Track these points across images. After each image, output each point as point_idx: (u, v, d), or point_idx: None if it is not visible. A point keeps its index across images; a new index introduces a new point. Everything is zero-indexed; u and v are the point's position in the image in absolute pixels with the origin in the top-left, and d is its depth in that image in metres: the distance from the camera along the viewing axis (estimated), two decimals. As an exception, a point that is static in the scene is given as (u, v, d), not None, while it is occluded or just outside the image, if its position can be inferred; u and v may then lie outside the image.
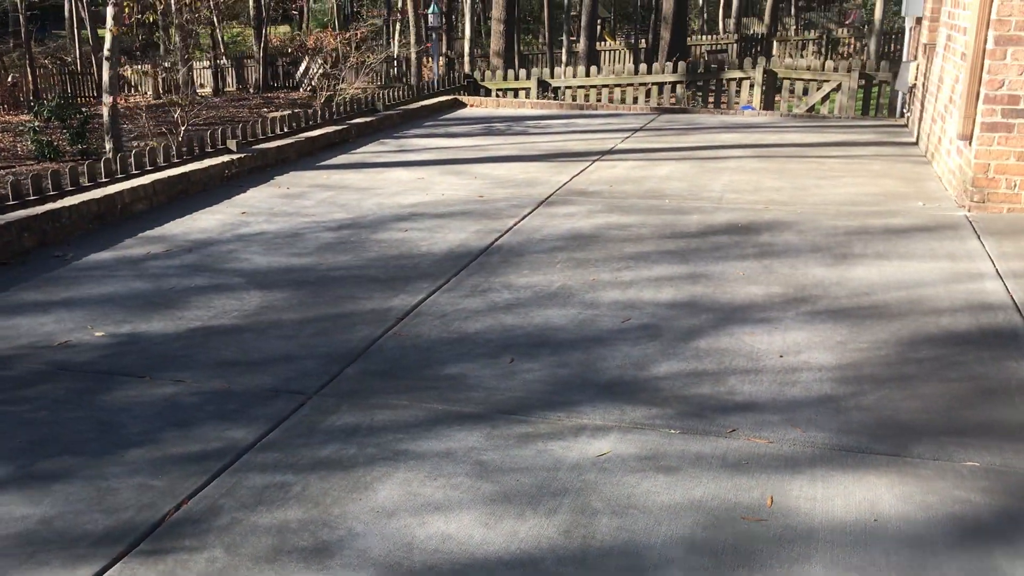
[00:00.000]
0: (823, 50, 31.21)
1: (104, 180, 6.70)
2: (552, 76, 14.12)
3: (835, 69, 13.02)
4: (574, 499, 2.81)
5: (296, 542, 2.63)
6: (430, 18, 20.73)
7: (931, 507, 2.74)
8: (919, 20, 10.35)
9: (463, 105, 12.54)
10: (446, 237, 5.78)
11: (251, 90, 26.55)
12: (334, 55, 23.01)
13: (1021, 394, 3.47)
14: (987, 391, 3.49)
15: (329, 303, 4.64)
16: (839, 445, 3.11)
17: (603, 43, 33.72)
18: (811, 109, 13.15)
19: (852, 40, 31.75)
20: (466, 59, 21.64)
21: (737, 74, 13.47)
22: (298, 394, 3.62)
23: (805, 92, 13.30)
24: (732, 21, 35.23)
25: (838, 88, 12.99)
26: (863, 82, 12.96)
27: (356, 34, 25.97)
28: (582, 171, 7.74)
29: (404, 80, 24.22)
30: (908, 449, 3.08)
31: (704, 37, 33.42)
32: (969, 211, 5.95)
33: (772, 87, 13.31)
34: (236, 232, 6.00)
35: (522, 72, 14.40)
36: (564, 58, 27.28)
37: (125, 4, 12.85)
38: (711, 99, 13.87)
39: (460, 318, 4.38)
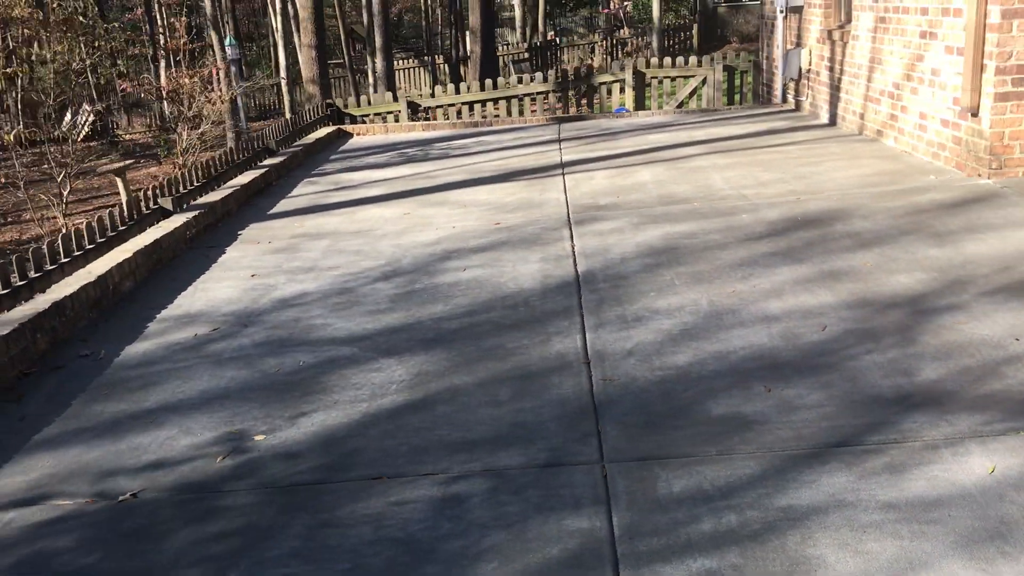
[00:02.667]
0: (611, 50, 32.50)
1: (73, 256, 5.68)
2: (421, 97, 13.70)
3: (699, 64, 13.49)
4: (1030, 523, 2.59)
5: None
6: (228, 51, 19.65)
7: None
8: (793, 11, 10.89)
9: (349, 134, 11.88)
10: (518, 270, 5.34)
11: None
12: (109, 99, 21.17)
13: None
14: None
15: (485, 358, 4.12)
16: None
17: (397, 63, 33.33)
18: (680, 104, 13.55)
19: (634, 39, 33.25)
20: (284, 88, 20.62)
21: (608, 78, 13.65)
22: (582, 464, 3.15)
23: (672, 90, 13.68)
24: (517, 32, 36.03)
25: (703, 82, 13.46)
26: (726, 74, 13.50)
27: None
28: (566, 186, 7.47)
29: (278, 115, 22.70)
30: None
31: (499, 48, 33.85)
32: (989, 178, 6.25)
33: (642, 87, 13.58)
34: (272, 297, 5.26)
35: (388, 95, 13.86)
36: (371, 80, 26.70)
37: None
38: (583, 104, 13.95)
39: (652, 352, 4.02)
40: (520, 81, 13.69)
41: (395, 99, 13.72)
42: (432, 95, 13.67)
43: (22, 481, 3.39)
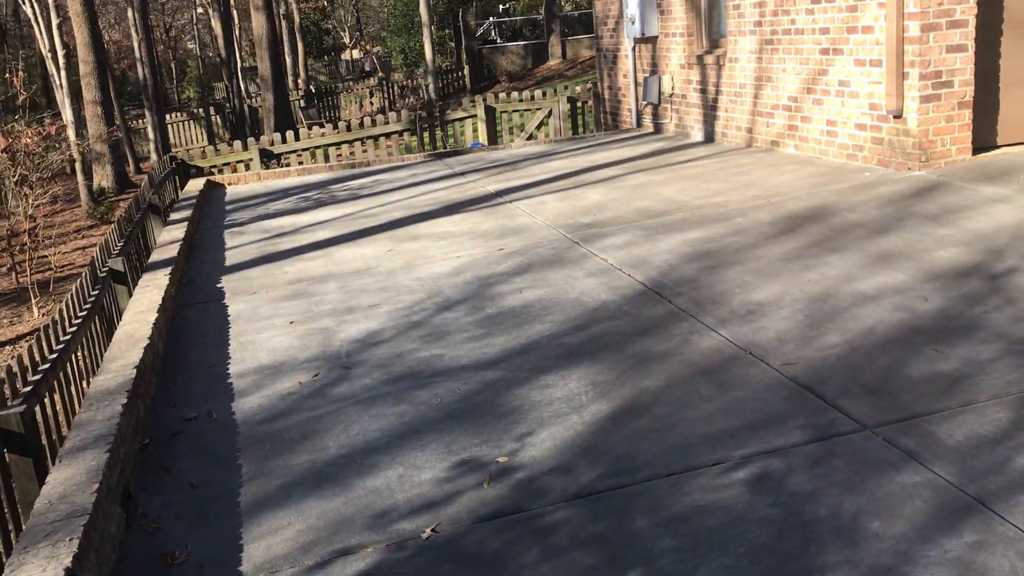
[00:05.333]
0: (387, 94, 32.79)
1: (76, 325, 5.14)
2: (272, 144, 13.29)
3: (544, 96, 14.11)
4: None
5: None
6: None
7: None
8: (645, 41, 11.76)
9: (220, 186, 11.34)
10: (580, 286, 5.48)
11: None
12: None
13: None
14: None
15: (645, 362, 4.26)
16: None
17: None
18: (530, 136, 14.09)
19: (409, 82, 33.77)
20: (73, 145, 19.04)
21: (461, 113, 13.94)
22: (854, 432, 3.41)
23: (521, 124, 14.21)
24: (292, 79, 35.43)
25: (550, 114, 14.09)
26: (569, 105, 14.21)
27: None
28: (529, 212, 7.67)
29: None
30: None
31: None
32: (920, 170, 7.17)
33: (493, 122, 13.99)
34: (342, 339, 5.06)
35: (237, 144, 13.33)
36: (153, 136, 25.26)
37: None
38: (439, 140, 14.12)
39: (799, 337, 4.33)
40: (361, 125, 13.64)
41: (244, 148, 13.22)
42: (284, 140, 13.31)
43: (290, 542, 3.14)
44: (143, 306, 5.50)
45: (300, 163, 13.22)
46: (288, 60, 37.33)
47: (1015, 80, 7.38)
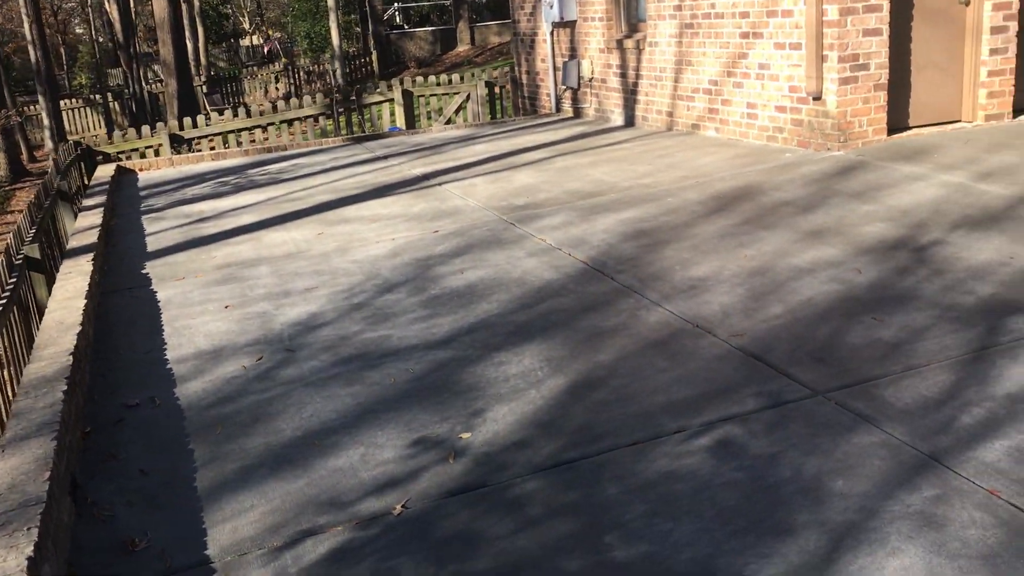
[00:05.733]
0: (292, 79, 32.12)
1: None
2: (182, 129, 12.89)
3: (462, 80, 14.05)
4: None
5: None
6: None
7: None
8: (563, 25, 11.82)
9: (131, 172, 10.95)
10: (522, 266, 5.50)
11: None
12: None
13: None
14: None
15: (596, 337, 4.31)
16: None
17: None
18: (449, 120, 14.02)
19: (318, 67, 33.16)
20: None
21: (377, 97, 13.76)
22: (806, 398, 3.52)
23: (440, 108, 14.12)
24: (193, 65, 34.30)
25: (468, 98, 14.04)
26: (487, 89, 14.18)
27: None
28: (460, 195, 7.64)
29: None
30: None
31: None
32: (839, 150, 7.41)
33: (410, 106, 13.86)
34: (283, 322, 4.96)
35: (145, 129, 12.87)
36: (48, 123, 24.16)
37: None
38: (355, 124, 13.92)
39: (743, 310, 4.45)
40: (275, 109, 13.36)
41: (153, 133, 12.79)
42: (195, 125, 12.92)
43: (256, 524, 3.07)
44: (69, 292, 5.28)
45: (212, 148, 12.86)
46: (188, 46, 36.18)
47: (925, 64, 7.70)
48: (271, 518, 3.11)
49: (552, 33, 12.19)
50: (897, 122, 7.71)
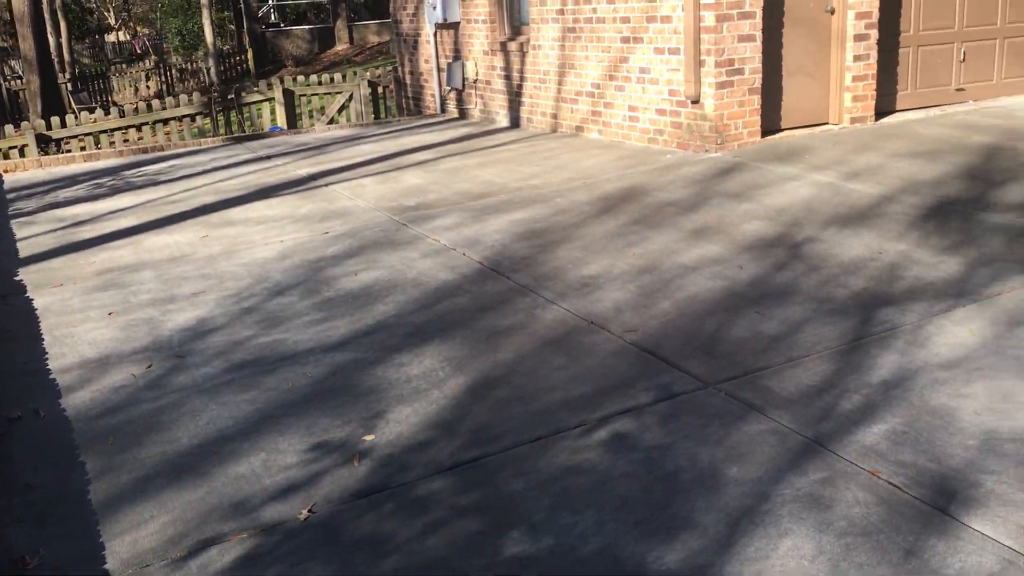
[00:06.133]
0: (164, 77, 31.03)
1: None
2: (50, 128, 12.31)
3: (343, 79, 13.89)
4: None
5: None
6: None
7: None
8: (447, 27, 11.86)
9: (-5, 173, 10.38)
10: (417, 267, 5.51)
11: None
12: None
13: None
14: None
15: (494, 336, 4.37)
16: None
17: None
18: (331, 120, 13.85)
19: (191, 64, 32.15)
20: None
21: (258, 97, 13.47)
22: (697, 390, 3.67)
23: (322, 108, 13.92)
24: (56, 61, 32.66)
25: (351, 98, 13.91)
26: (370, 89, 14.08)
27: None
28: (349, 195, 7.58)
29: None
30: None
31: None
32: (717, 152, 7.70)
33: (292, 105, 13.62)
34: (171, 328, 4.84)
35: (9, 128, 12.22)
36: None
37: None
38: (235, 124, 13.58)
39: (635, 307, 4.59)
40: (149, 109, 12.92)
41: (17, 131, 12.16)
42: (63, 125, 12.36)
43: (156, 535, 3.00)
44: (-64, 302, 5.00)
45: (83, 149, 12.34)
46: (51, 41, 34.48)
47: (795, 69, 8.09)
48: (172, 528, 3.04)
49: (436, 34, 12.20)
50: (770, 124, 8.07)
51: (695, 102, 7.79)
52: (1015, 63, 9.43)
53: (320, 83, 13.84)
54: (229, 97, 13.57)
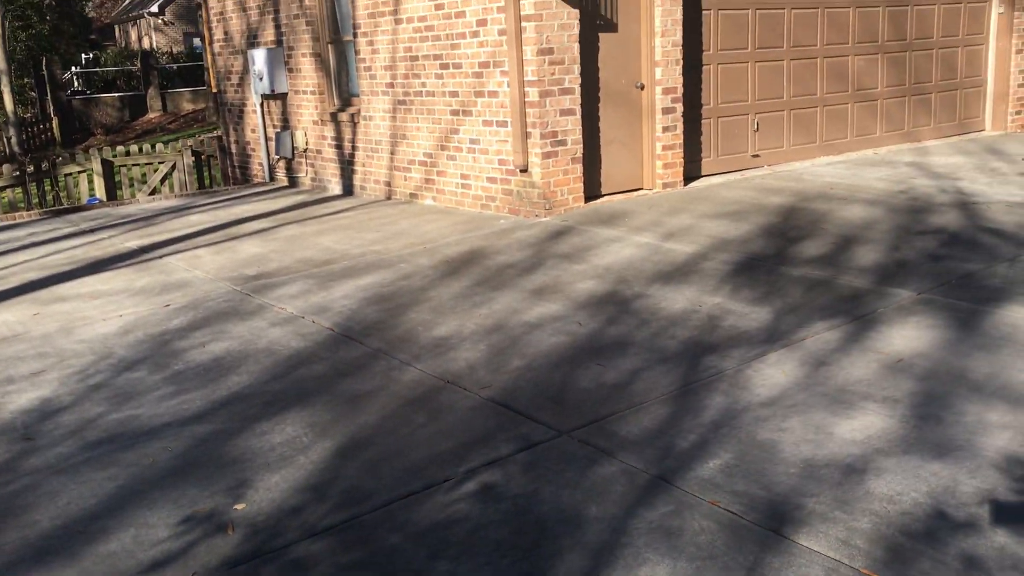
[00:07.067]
0: (-43, 147, 29.06)
1: None
2: None
3: (165, 147, 13.63)
4: None
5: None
6: None
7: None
8: (274, 97, 11.97)
9: None
10: (268, 335, 5.58)
11: None
12: None
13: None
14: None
15: (357, 400, 4.52)
16: (827, 326, 5.10)
17: None
18: (154, 191, 13.53)
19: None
20: None
21: (75, 168, 13.00)
22: (553, 439, 3.97)
23: (144, 178, 13.57)
24: None
25: (173, 167, 13.66)
26: (194, 159, 13.88)
27: None
28: (186, 267, 7.51)
29: None
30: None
31: None
32: (546, 217, 8.17)
33: (111, 176, 13.21)
34: (11, 410, 4.68)
35: None
36: None
37: None
38: (49, 197, 13.00)
39: (485, 364, 4.86)
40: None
41: None
42: None
43: (30, 618, 2.96)
44: None
45: None
46: None
47: (612, 138, 8.74)
48: (47, 611, 3.01)
49: (263, 104, 12.26)
50: (592, 190, 8.66)
51: (524, 171, 8.27)
52: (800, 131, 10.55)
53: (141, 152, 13.52)
54: (43, 168, 13.01)
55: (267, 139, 12.36)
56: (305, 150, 11.66)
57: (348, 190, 10.98)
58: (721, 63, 9.64)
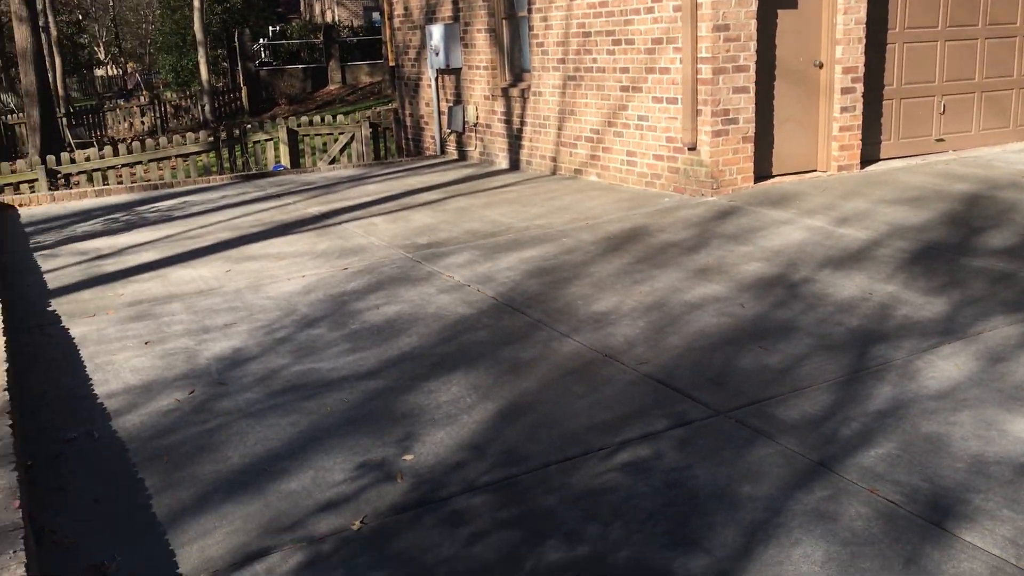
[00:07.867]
0: (158, 113, 31.42)
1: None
2: (60, 163, 12.60)
3: (346, 119, 14.28)
4: None
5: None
6: None
7: None
8: (449, 72, 12.30)
9: (11, 207, 10.65)
10: (436, 301, 5.84)
11: None
12: None
13: (990, 275, 5.61)
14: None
15: (517, 367, 4.69)
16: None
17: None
18: (333, 160, 14.22)
19: (183, 102, 32.58)
20: None
21: (263, 136, 13.83)
22: (710, 418, 4.00)
23: (324, 147, 14.29)
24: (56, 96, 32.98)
25: (352, 138, 14.30)
26: (371, 130, 14.47)
27: None
28: (363, 233, 7.91)
29: None
30: None
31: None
32: (713, 196, 8.10)
33: (295, 145, 13.99)
34: (207, 356, 5.13)
35: (20, 163, 12.51)
36: None
37: None
38: (239, 162, 13.91)
39: (645, 340, 4.93)
40: (157, 145, 13.27)
41: (29, 167, 12.45)
42: (72, 160, 12.67)
43: (222, 544, 3.29)
44: (-17, 330, 5.27)
45: (91, 183, 12.62)
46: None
47: (785, 118, 8.53)
48: (236, 538, 3.33)
49: (437, 79, 12.64)
50: (762, 171, 8.49)
51: (692, 149, 8.21)
52: (992, 115, 9.93)
53: (323, 122, 14.22)
54: (235, 135, 13.90)
55: (440, 113, 12.74)
56: (475, 124, 11.95)
57: (515, 164, 11.20)
58: (907, 42, 9.19)
